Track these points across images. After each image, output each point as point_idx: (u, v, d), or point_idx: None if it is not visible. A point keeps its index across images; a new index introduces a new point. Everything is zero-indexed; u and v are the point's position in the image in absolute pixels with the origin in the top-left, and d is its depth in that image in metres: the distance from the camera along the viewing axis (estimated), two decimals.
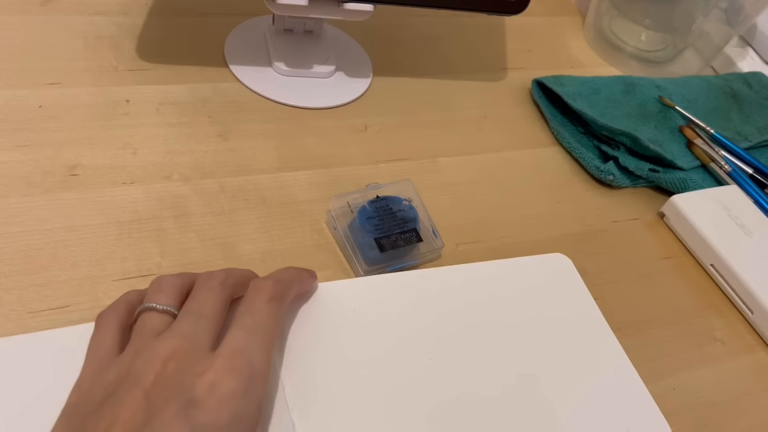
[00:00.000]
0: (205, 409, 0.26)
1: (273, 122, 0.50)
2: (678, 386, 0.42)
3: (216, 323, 0.30)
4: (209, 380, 0.26)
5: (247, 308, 0.31)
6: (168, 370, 0.27)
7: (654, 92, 0.60)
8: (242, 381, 0.27)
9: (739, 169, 0.56)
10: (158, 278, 0.32)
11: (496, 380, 0.36)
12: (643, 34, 0.70)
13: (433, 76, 0.59)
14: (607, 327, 0.41)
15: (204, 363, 0.27)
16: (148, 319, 0.30)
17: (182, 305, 0.31)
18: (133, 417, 0.25)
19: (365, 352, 0.35)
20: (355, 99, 0.54)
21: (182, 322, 0.29)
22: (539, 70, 0.62)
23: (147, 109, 0.47)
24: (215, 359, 0.27)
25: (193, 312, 0.30)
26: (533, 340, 0.39)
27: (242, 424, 0.27)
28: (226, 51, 0.53)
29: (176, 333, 0.28)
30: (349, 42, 0.58)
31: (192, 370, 0.27)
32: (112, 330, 0.30)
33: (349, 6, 0.47)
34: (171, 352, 0.27)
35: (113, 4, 0.54)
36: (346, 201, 0.43)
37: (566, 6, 0.75)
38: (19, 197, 0.40)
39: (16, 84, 0.46)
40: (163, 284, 0.32)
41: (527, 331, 0.39)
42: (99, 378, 0.28)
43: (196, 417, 0.25)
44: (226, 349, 0.28)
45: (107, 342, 0.30)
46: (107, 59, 0.50)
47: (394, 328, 0.37)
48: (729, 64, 0.73)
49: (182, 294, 0.32)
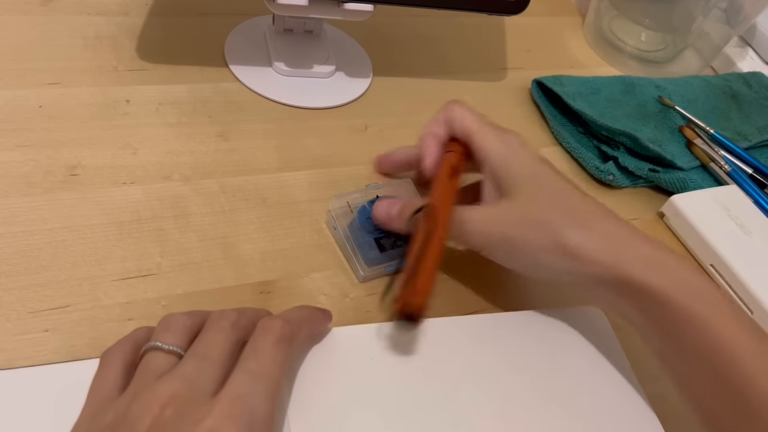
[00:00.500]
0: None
1: (273, 122, 0.50)
2: None
3: (223, 366, 0.28)
4: (207, 428, 0.25)
5: (253, 351, 0.29)
6: (165, 415, 0.25)
7: (654, 92, 0.60)
8: (242, 429, 0.26)
9: (738, 169, 0.56)
10: (167, 316, 0.31)
11: (511, 422, 0.35)
12: (642, 34, 0.70)
13: (433, 76, 0.59)
14: (640, 392, 0.38)
15: (203, 409, 0.26)
16: (153, 359, 0.28)
17: (190, 345, 0.29)
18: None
19: (380, 402, 0.33)
20: (355, 99, 0.54)
21: (187, 364, 0.28)
22: (539, 70, 0.62)
23: (147, 109, 0.47)
24: (215, 406, 0.26)
25: (198, 354, 0.28)
26: (560, 399, 0.36)
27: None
28: (226, 51, 0.53)
29: (178, 376, 0.27)
30: (349, 42, 0.58)
31: (190, 417, 0.25)
32: (115, 369, 0.29)
33: (349, 6, 0.47)
34: (170, 396, 0.26)
35: (113, 4, 0.54)
36: (346, 201, 0.43)
37: (566, 6, 0.75)
38: (19, 197, 0.40)
39: (16, 84, 0.46)
40: (172, 323, 0.30)
41: (554, 387, 0.37)
42: (96, 421, 0.27)
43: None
44: (226, 395, 0.26)
45: (109, 382, 0.28)
46: (107, 59, 0.50)
47: (412, 379, 0.35)
48: (729, 64, 0.73)
49: (191, 333, 0.30)
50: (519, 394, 0.36)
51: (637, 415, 0.37)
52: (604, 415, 0.36)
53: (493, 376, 0.36)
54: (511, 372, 0.37)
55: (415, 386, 0.35)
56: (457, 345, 0.37)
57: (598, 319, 0.41)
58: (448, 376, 0.35)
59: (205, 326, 0.30)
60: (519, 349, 0.38)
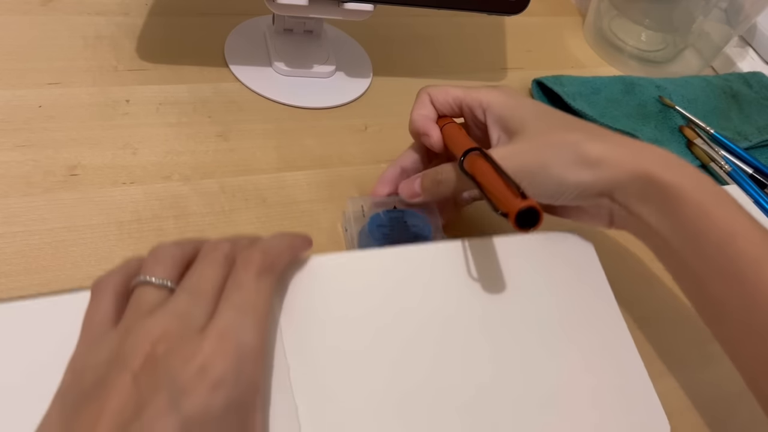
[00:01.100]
0: (194, 397, 0.24)
1: (273, 122, 0.50)
2: (677, 386, 0.42)
3: (215, 300, 0.28)
4: (198, 364, 0.25)
5: (236, 284, 0.29)
6: (157, 352, 0.25)
7: (654, 92, 0.60)
8: (233, 363, 0.26)
9: (739, 169, 0.56)
10: (157, 247, 0.30)
11: (499, 355, 0.36)
12: (643, 34, 0.70)
13: (433, 76, 0.59)
14: (619, 315, 0.39)
15: (193, 346, 0.26)
16: (144, 293, 0.28)
17: (181, 277, 0.29)
18: (122, 408, 0.24)
19: (369, 328, 0.34)
20: (355, 99, 0.54)
21: (178, 299, 0.27)
22: (539, 70, 0.62)
23: (147, 109, 0.47)
24: (203, 341, 0.26)
25: (190, 289, 0.28)
26: (541, 318, 0.38)
27: (237, 409, 0.26)
28: (226, 51, 0.53)
29: (170, 311, 0.27)
30: (349, 42, 0.58)
31: (182, 354, 0.25)
32: (107, 301, 0.28)
33: (349, 6, 0.47)
34: (162, 332, 0.26)
35: (113, 4, 0.54)
36: (361, 205, 0.42)
37: (566, 6, 0.75)
38: (19, 197, 0.40)
39: (16, 84, 0.46)
40: (161, 255, 0.29)
41: (535, 309, 0.38)
42: (91, 356, 0.27)
43: (186, 407, 0.24)
44: (214, 330, 0.26)
45: (101, 315, 0.28)
46: (107, 59, 0.50)
47: (399, 302, 0.35)
48: (729, 64, 0.73)
49: (182, 266, 0.30)
50: (505, 317, 0.37)
51: (615, 340, 0.39)
52: (582, 337, 0.38)
53: (478, 299, 0.37)
54: (497, 295, 0.38)
55: (402, 311, 0.35)
56: (441, 270, 0.37)
57: (578, 243, 0.42)
58: (433, 300, 0.36)
59: (198, 258, 0.30)
60: (505, 272, 0.39)
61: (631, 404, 0.37)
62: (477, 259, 0.38)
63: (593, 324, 0.39)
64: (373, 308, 0.35)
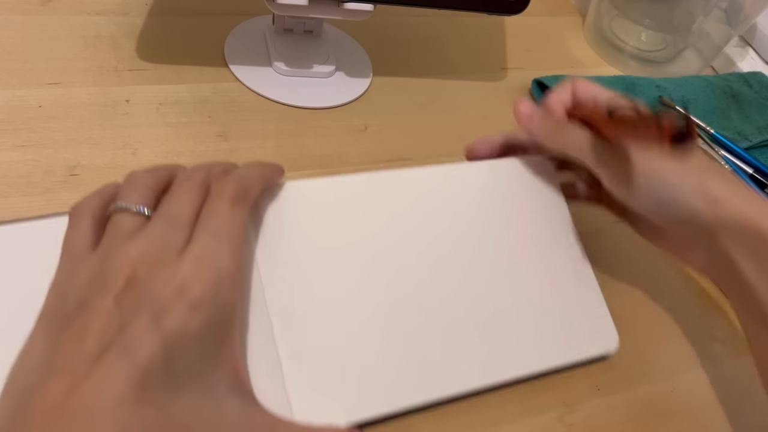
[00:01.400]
0: (174, 316, 0.25)
1: (273, 122, 0.50)
2: (678, 386, 0.42)
3: (191, 226, 0.29)
4: (177, 286, 0.26)
5: (211, 212, 0.30)
6: (137, 274, 0.26)
7: (654, 92, 0.60)
8: (210, 286, 0.27)
9: (739, 169, 0.56)
10: (132, 174, 0.31)
11: (460, 262, 0.39)
12: (643, 34, 0.70)
13: (433, 76, 0.59)
14: (572, 226, 0.43)
15: (171, 269, 0.27)
16: (121, 219, 0.29)
17: (157, 203, 0.30)
18: (106, 327, 0.25)
19: (340, 246, 0.36)
20: (355, 99, 0.54)
21: (155, 225, 0.28)
22: (539, 70, 0.62)
23: (147, 109, 0.47)
24: (181, 264, 0.27)
25: (165, 215, 0.29)
26: (500, 232, 0.41)
27: (215, 330, 0.27)
28: (226, 51, 0.53)
29: (147, 236, 0.28)
30: (349, 42, 0.58)
31: (160, 276, 0.26)
32: (85, 225, 0.29)
33: (349, 6, 0.47)
34: (141, 256, 0.27)
35: (113, 4, 0.54)
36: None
37: (566, 6, 0.75)
38: (19, 197, 0.40)
39: (16, 84, 0.46)
40: (137, 182, 0.30)
41: (496, 224, 0.41)
42: (73, 278, 0.27)
43: (166, 326, 0.25)
44: (191, 254, 0.27)
45: (81, 238, 0.29)
46: (107, 59, 0.50)
47: (372, 225, 0.37)
48: (729, 64, 0.73)
49: (158, 191, 0.30)
50: (471, 241, 0.39)
51: (574, 266, 0.42)
52: (542, 251, 0.41)
53: (449, 220, 0.39)
54: (466, 215, 0.40)
55: (376, 233, 0.37)
56: (410, 195, 0.39)
57: (541, 167, 0.44)
58: (405, 223, 0.38)
59: (173, 185, 0.31)
60: (473, 195, 0.41)
61: (584, 314, 0.41)
62: (447, 184, 0.41)
63: (552, 240, 0.42)
64: (346, 230, 0.37)
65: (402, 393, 0.34)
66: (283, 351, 0.32)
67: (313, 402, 0.32)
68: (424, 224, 0.39)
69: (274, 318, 0.33)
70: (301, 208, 0.36)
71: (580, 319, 0.40)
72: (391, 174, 0.39)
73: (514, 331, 0.38)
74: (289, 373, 0.32)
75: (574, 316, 0.40)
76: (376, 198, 0.38)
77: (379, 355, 0.34)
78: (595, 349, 0.40)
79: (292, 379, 0.32)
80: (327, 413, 0.32)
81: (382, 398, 0.34)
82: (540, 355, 0.38)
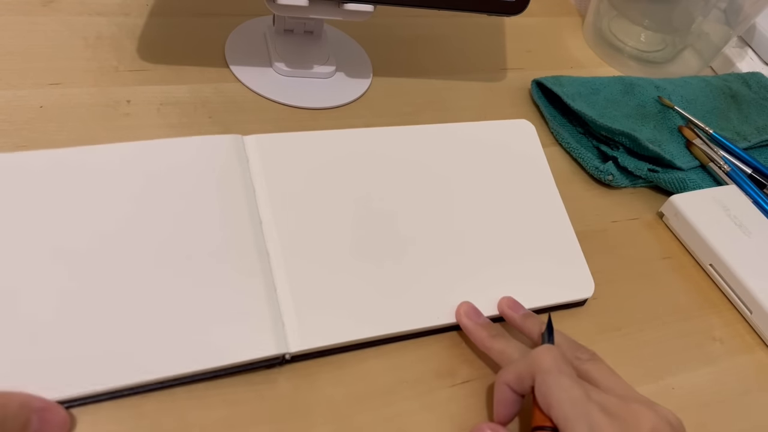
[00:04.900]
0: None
1: (273, 122, 0.50)
2: (677, 386, 0.42)
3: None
4: None
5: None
6: None
7: (653, 92, 0.60)
8: None
9: (738, 169, 0.56)
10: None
11: (446, 209, 0.43)
12: (642, 35, 0.70)
13: (433, 76, 0.59)
14: (552, 183, 0.47)
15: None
16: None
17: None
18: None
19: (337, 192, 0.42)
20: (355, 99, 0.54)
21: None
22: (539, 70, 0.62)
23: (148, 110, 0.47)
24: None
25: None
26: (482, 186, 0.45)
27: None
28: (226, 51, 0.53)
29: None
30: (349, 42, 0.58)
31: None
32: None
33: (349, 6, 0.48)
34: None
35: (114, 4, 0.54)
36: None
37: (566, 6, 0.75)
38: None
39: (17, 84, 0.46)
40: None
41: (478, 179, 0.45)
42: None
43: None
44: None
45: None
46: (108, 60, 0.50)
47: (364, 175, 0.43)
48: (728, 64, 0.73)
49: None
50: (456, 189, 0.45)
51: (550, 207, 0.46)
52: (523, 203, 0.46)
53: (436, 171, 0.45)
54: (453, 168, 0.45)
55: (367, 183, 0.43)
56: (402, 149, 0.46)
57: (526, 129, 0.49)
58: (395, 174, 0.44)
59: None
60: (460, 151, 0.46)
61: (562, 261, 0.44)
62: (434, 141, 0.46)
63: (533, 194, 0.46)
64: (343, 178, 0.42)
65: (390, 320, 0.39)
66: (279, 278, 0.37)
67: (309, 320, 0.37)
68: (413, 175, 0.44)
69: (272, 247, 0.38)
70: (293, 156, 0.42)
71: (557, 266, 0.44)
72: (381, 131, 0.46)
73: (490, 273, 0.42)
74: (286, 297, 0.37)
75: (551, 263, 0.44)
76: (375, 149, 0.44)
77: (368, 282, 0.39)
78: (571, 294, 0.43)
79: (288, 304, 0.37)
80: (323, 332, 0.37)
81: (372, 322, 0.38)
82: (518, 298, 0.41)
